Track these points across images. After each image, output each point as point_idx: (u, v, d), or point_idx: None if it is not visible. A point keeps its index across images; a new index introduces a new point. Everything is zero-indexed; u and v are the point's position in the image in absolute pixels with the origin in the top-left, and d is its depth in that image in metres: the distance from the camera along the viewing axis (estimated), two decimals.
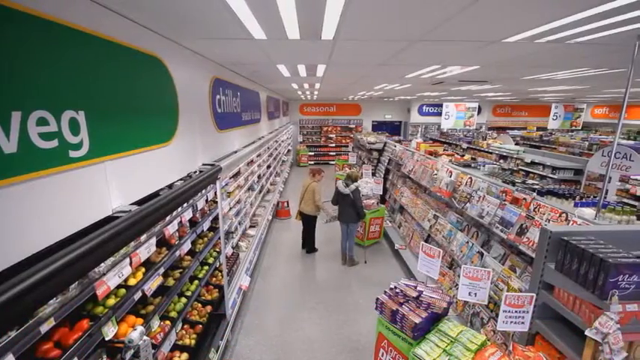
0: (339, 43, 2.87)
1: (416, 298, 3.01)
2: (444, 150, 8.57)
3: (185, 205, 2.97)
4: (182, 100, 2.91)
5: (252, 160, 6.71)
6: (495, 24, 2.20)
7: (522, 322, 2.43)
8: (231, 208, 4.96)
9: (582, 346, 2.10)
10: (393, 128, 17.30)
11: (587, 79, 5.19)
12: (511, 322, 2.43)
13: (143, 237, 2.35)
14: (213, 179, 3.20)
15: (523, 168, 6.98)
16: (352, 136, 15.14)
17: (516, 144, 11.97)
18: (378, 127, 16.98)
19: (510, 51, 3.07)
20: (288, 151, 15.77)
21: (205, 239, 3.67)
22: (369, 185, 6.87)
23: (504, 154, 7.64)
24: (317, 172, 6.07)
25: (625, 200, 4.62)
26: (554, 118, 10.04)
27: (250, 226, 6.35)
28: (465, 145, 9.59)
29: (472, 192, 4.17)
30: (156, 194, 2.38)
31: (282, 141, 13.28)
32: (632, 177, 4.60)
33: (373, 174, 9.27)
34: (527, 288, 2.89)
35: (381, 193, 6.95)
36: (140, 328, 2.13)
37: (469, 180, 4.41)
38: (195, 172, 3.09)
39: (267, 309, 4.58)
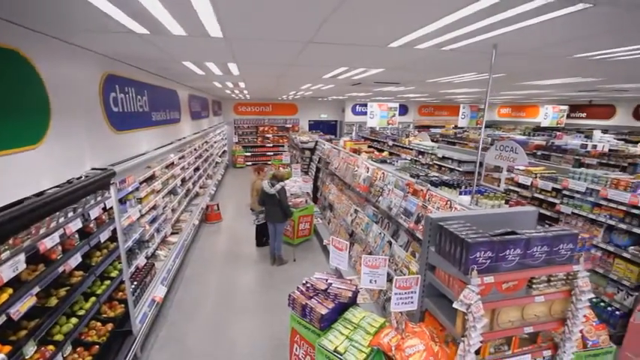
0: (236, 42, 2.84)
1: (325, 291, 3.13)
2: (371, 148, 9.05)
3: (71, 214, 2.67)
4: (56, 98, 2.59)
5: (172, 163, 6.33)
6: (368, 28, 2.36)
7: (412, 302, 2.67)
8: (143, 215, 4.61)
9: (455, 317, 2.38)
10: (329, 127, 17.74)
11: (482, 83, 5.90)
12: (402, 302, 2.66)
13: (4, 254, 2.06)
14: (104, 185, 2.93)
15: (437, 162, 7.70)
16: (288, 135, 15.17)
17: (436, 141, 13.18)
18: (314, 126, 17.27)
19: (399, 56, 3.34)
20: (224, 152, 15.23)
21: (105, 251, 3.35)
22: (297, 184, 6.95)
23: (422, 150, 8.34)
24: (260, 169, 6.36)
25: (511, 187, 5.36)
26: (463, 117, 11.31)
27: (172, 233, 5.98)
28: (390, 143, 10.25)
29: (383, 186, 4.46)
30: (18, 203, 2.09)
31: (216, 142, 12.78)
32: (515, 167, 5.34)
33: (306, 172, 9.43)
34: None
35: (310, 191, 7.08)
36: (1, 356, 1.86)
37: (382, 175, 4.71)
38: (80, 177, 2.79)
39: (188, 319, 4.36)
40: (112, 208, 3.33)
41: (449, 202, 3.16)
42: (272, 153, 15.85)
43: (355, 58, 3.57)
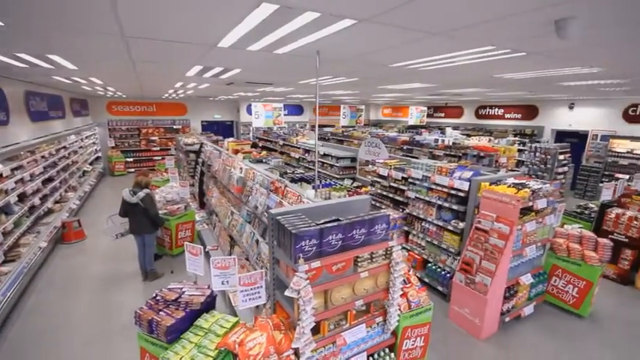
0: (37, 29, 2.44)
1: (175, 301, 2.98)
2: (264, 148, 9.05)
3: None
4: None
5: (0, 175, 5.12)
6: (183, 23, 2.33)
7: (260, 297, 2.75)
8: None
9: (294, 303, 2.55)
10: (224, 128, 17.08)
11: (348, 85, 6.52)
12: (250, 299, 2.72)
13: None
14: None
15: (319, 159, 8.18)
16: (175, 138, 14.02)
17: (328, 139, 14.03)
18: (208, 127, 16.39)
19: (242, 56, 3.40)
20: (97, 158, 13.14)
21: None
22: (174, 189, 6.46)
23: (307, 148, 8.75)
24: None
25: (376, 179, 6.05)
26: (344, 117, 12.38)
27: (5, 262, 4.84)
28: (281, 142, 10.46)
29: (252, 185, 4.49)
30: None
31: (82, 147, 10.91)
32: (376, 161, 6.04)
33: (192, 176, 8.86)
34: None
35: (188, 196, 6.67)
36: None
37: (253, 174, 4.74)
38: None
39: (21, 356, 3.59)
40: None
41: (299, 197, 3.37)
42: (160, 157, 14.38)
43: (194, 55, 3.47)
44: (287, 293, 2.36)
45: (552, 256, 4.62)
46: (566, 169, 9.64)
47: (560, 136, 12.31)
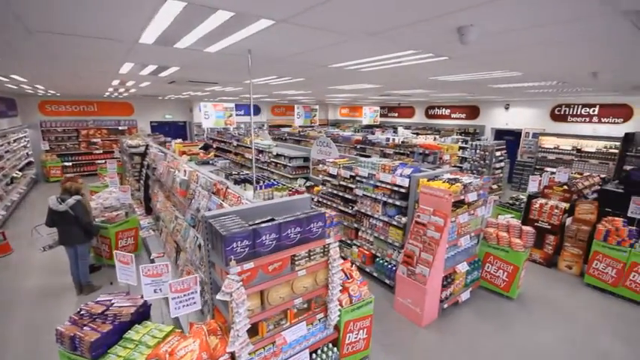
0: None
1: (102, 314, 2.80)
2: (211, 149, 8.77)
3: None
4: None
5: None
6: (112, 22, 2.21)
7: (194, 303, 2.67)
8: None
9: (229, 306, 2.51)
10: (177, 129, 16.32)
11: (296, 85, 6.54)
12: (183, 305, 2.62)
13: None
14: None
15: (273, 160, 8.13)
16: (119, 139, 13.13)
17: (285, 139, 13.97)
18: (159, 128, 15.55)
19: (170, 54, 3.28)
20: (28, 163, 11.88)
21: None
22: (113, 195, 6.05)
23: (261, 148, 8.65)
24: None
25: (326, 178, 6.14)
26: (298, 117, 12.44)
27: None
28: (235, 143, 10.22)
29: (195, 188, 4.34)
30: None
31: (8, 152, 9.80)
32: (327, 160, 6.13)
33: (137, 180, 8.34)
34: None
35: (129, 202, 6.28)
36: None
37: (196, 177, 4.57)
38: None
39: None
40: None
41: (239, 198, 3.32)
42: (103, 161, 13.32)
43: (117, 52, 3.29)
44: (218, 297, 2.32)
45: (485, 244, 5.01)
46: (502, 164, 10.51)
47: (499, 134, 13.38)
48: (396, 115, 17.77)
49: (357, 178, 5.43)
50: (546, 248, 6.04)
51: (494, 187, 10.37)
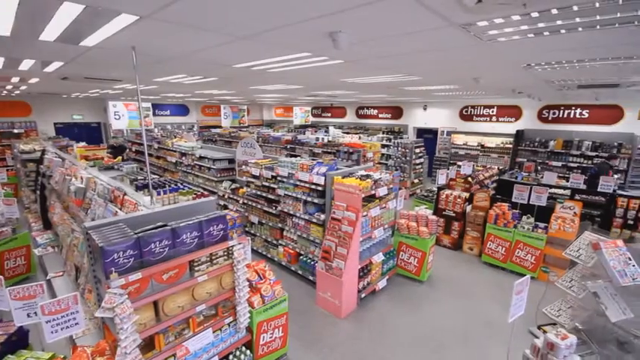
0: None
1: None
2: (126, 153, 8.00)
3: None
4: None
5: None
6: None
7: (76, 323, 2.41)
8: None
9: None
10: (90, 131, 14.59)
11: (212, 84, 6.31)
12: (62, 328, 2.35)
13: None
14: None
15: (197, 162, 7.74)
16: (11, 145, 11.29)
17: (215, 141, 13.40)
18: (66, 130, 13.72)
19: (42, 48, 2.93)
20: None
21: None
22: None
23: (183, 151, 8.17)
24: None
25: (250, 179, 6.04)
26: (225, 117, 12.08)
27: None
28: (156, 146, 9.49)
29: (92, 196, 3.93)
30: None
31: None
32: (250, 161, 6.03)
33: (33, 191, 7.26)
34: None
35: (16, 216, 5.45)
36: None
37: (94, 184, 4.14)
38: None
39: None
40: None
41: (136, 205, 3.09)
42: None
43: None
44: (97, 314, 2.13)
45: (398, 234, 5.43)
46: (422, 160, 11.50)
47: (420, 132, 14.62)
48: (330, 115, 18.29)
49: (279, 178, 5.46)
50: (453, 234, 6.77)
51: (416, 181, 11.31)
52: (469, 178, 7.30)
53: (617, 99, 9.25)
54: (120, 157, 6.54)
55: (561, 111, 10.52)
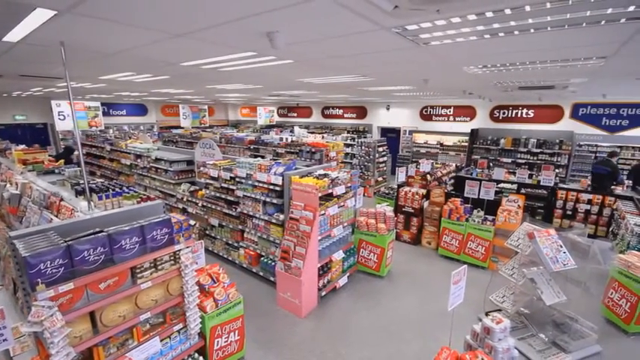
0: None
1: None
2: (73, 155, 7.48)
3: None
4: None
5: None
6: None
7: (5, 340, 2.22)
8: None
9: None
10: (35, 133, 13.48)
11: (166, 82, 6.07)
12: None
13: None
14: None
15: (153, 165, 7.41)
16: None
17: (175, 142, 12.90)
18: (8, 132, 12.59)
19: None
20: None
21: None
22: None
23: (138, 153, 7.78)
24: None
25: (209, 181, 5.88)
26: (184, 117, 11.70)
27: None
28: (109, 148, 8.96)
29: (27, 204, 3.63)
30: None
31: None
32: (208, 162, 5.87)
33: None
34: None
35: None
36: None
37: (30, 190, 3.84)
38: None
39: None
40: None
41: (73, 211, 2.90)
42: None
43: None
44: (24, 329, 1.98)
45: (358, 232, 5.55)
46: (385, 158, 11.81)
47: (384, 131, 15.03)
48: (296, 115, 18.26)
49: (237, 179, 5.37)
50: (412, 229, 7.02)
51: (380, 179, 11.60)
52: (427, 176, 7.61)
53: (557, 99, 10.08)
54: (62, 160, 6.08)
55: (510, 111, 11.28)
